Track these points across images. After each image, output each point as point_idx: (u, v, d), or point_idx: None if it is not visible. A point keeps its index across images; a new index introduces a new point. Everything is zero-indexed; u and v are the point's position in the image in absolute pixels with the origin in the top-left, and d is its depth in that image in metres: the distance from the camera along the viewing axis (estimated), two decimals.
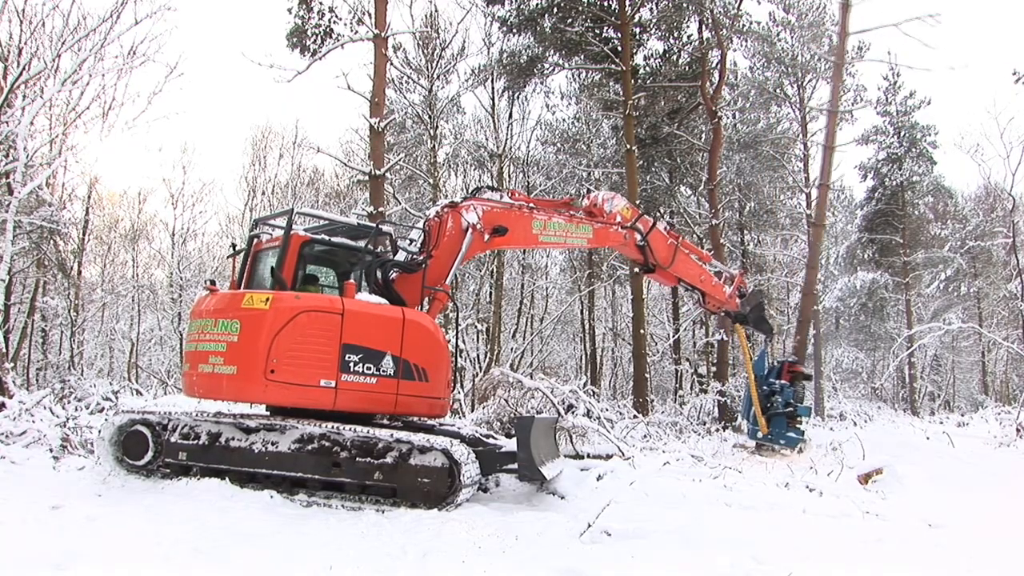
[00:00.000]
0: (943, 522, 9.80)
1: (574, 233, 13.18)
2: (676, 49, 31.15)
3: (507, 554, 7.19)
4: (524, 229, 12.36)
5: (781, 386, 15.39)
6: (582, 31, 27.83)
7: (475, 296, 37.35)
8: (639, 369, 26.23)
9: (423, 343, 10.51)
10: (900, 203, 46.17)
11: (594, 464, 12.01)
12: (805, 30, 36.03)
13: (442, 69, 32.49)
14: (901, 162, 46.13)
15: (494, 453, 10.43)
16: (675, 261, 14.28)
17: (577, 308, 41.17)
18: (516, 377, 16.52)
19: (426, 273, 11.14)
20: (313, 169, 46.21)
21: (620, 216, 13.76)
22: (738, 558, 7.10)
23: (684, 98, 31.04)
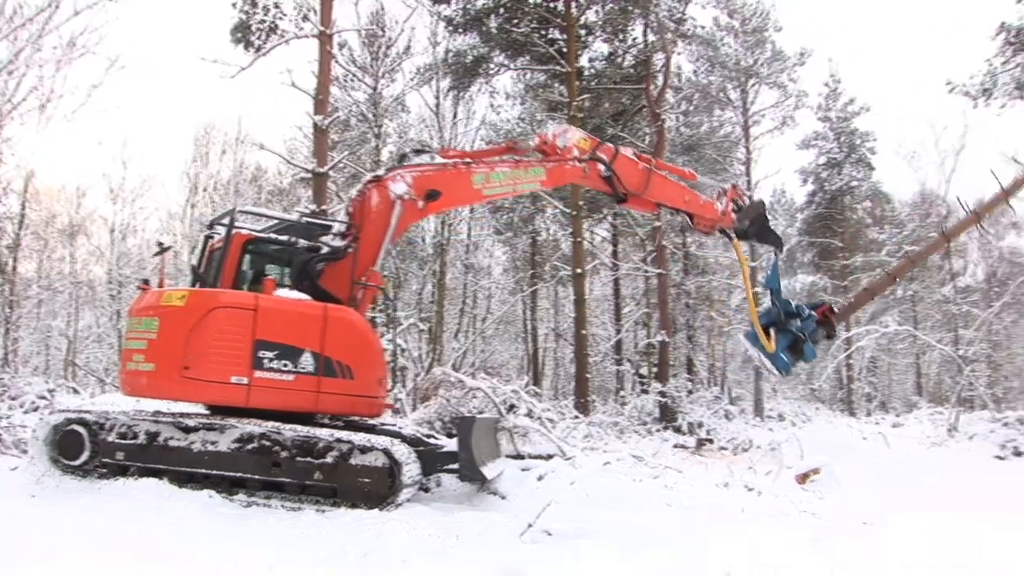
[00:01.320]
0: (878, 521, 9.95)
1: (523, 178, 12.39)
2: (621, 52, 31.31)
3: (448, 554, 7.17)
4: (463, 186, 11.73)
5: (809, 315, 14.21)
6: (528, 32, 27.87)
7: (417, 295, 37.27)
8: (581, 369, 26.33)
9: (348, 340, 10.27)
10: (839, 207, 46.91)
11: (535, 464, 12.02)
12: (748, 35, 36.46)
13: (387, 67, 32.35)
14: (841, 167, 46.88)
15: (435, 453, 10.40)
16: (650, 186, 13.21)
17: (519, 308, 41.26)
18: (458, 377, 16.51)
19: (355, 259, 10.75)
20: (256, 166, 45.79)
21: (577, 149, 12.84)
22: (678, 558, 7.15)
23: (628, 100, 31.21)
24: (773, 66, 37.95)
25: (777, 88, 38.62)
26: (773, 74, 38.14)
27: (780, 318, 13.77)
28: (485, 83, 32.55)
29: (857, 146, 47.35)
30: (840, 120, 47.46)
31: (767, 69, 37.93)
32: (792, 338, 13.78)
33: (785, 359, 13.83)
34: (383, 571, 6.62)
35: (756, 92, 38.48)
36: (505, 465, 11.30)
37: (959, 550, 8.10)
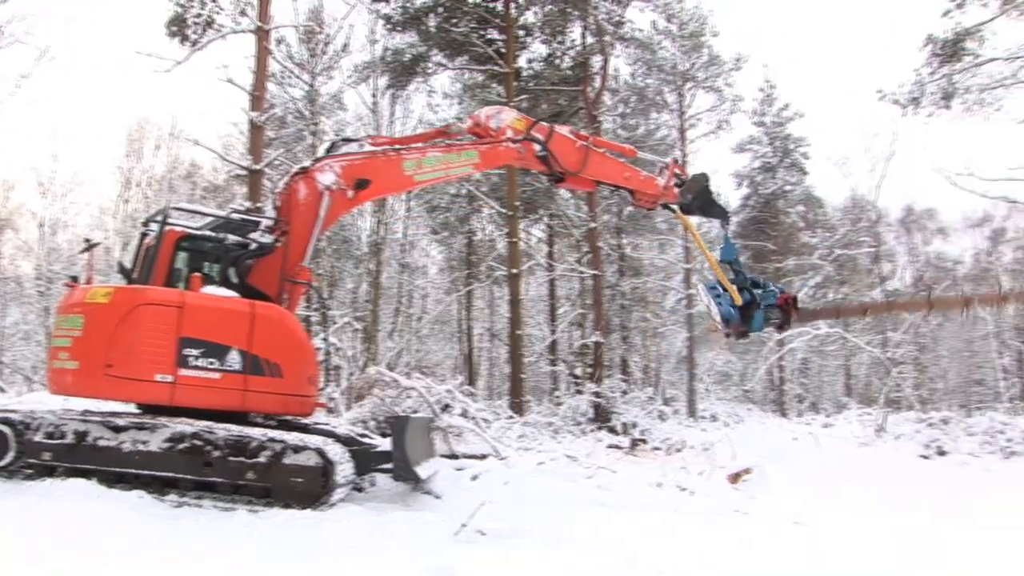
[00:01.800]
0: (808, 520, 10.11)
1: (456, 162, 12.17)
2: (559, 53, 31.36)
3: (381, 553, 7.15)
4: (394, 174, 11.56)
5: (771, 290, 14.23)
6: (467, 32, 27.84)
7: (352, 294, 37.04)
8: (515, 370, 26.37)
9: (276, 337, 10.15)
10: (773, 211, 47.49)
11: (469, 464, 12.04)
12: (685, 39, 36.77)
13: (325, 64, 32.08)
14: (775, 171, 47.47)
15: (369, 453, 10.37)
16: (588, 163, 13.06)
17: (455, 308, 41.20)
18: (392, 376, 16.45)
19: (285, 253, 10.60)
20: (191, 162, 45.21)
21: (511, 130, 12.71)
22: (611, 557, 7.19)
23: (566, 102, 31.27)
24: (710, 70, 38.29)
25: (713, 92, 38.99)
26: (709, 78, 38.48)
27: (745, 283, 13.86)
28: (423, 82, 32.42)
29: (791, 151, 48.01)
30: (775, 125, 48.06)
31: (704, 73, 38.27)
32: (748, 302, 13.77)
33: (734, 313, 13.77)
34: (316, 571, 6.59)
35: (692, 96, 38.83)
36: (439, 465, 11.29)
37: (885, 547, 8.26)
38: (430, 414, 14.57)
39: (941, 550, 8.23)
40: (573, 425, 25.23)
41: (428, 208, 37.47)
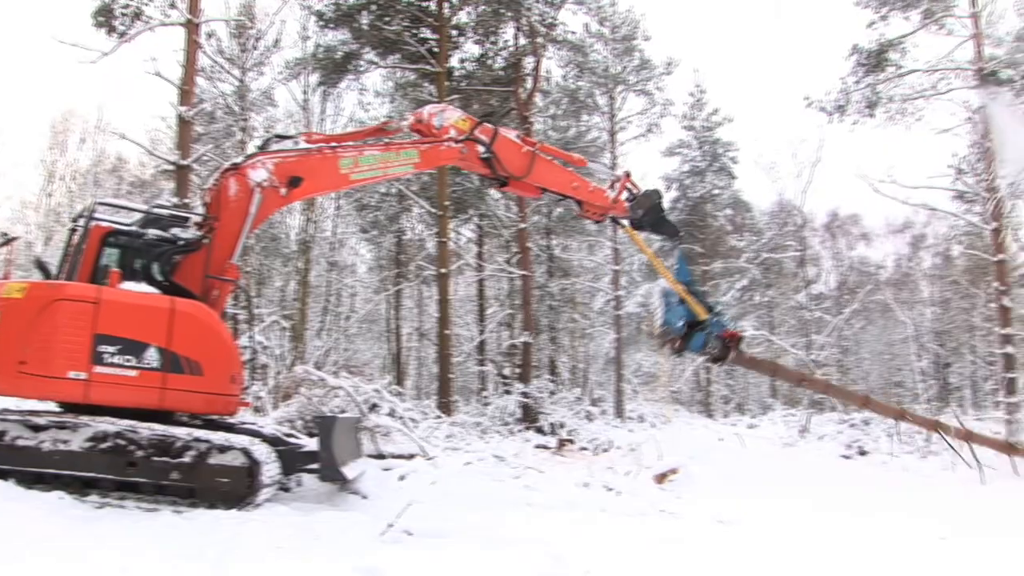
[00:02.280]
0: (733, 519, 10.25)
1: (395, 162, 11.83)
2: (492, 54, 31.35)
3: (307, 554, 7.12)
4: (329, 172, 11.26)
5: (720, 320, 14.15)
6: (400, 30, 27.70)
7: (280, 292, 36.77)
8: (444, 369, 26.32)
9: (197, 335, 9.91)
10: (701, 214, 48.06)
11: (397, 464, 12.04)
12: (617, 43, 37.02)
13: (256, 60, 31.77)
14: (703, 175, 48.02)
15: (295, 452, 10.29)
16: (533, 169, 12.71)
17: (384, 307, 41.05)
18: (320, 375, 16.39)
19: (211, 250, 10.34)
20: (117, 156, 44.46)
21: (454, 129, 12.35)
22: (538, 557, 7.24)
23: (498, 103, 31.28)
24: (641, 74, 38.57)
25: (644, 96, 39.27)
26: (640, 82, 38.76)
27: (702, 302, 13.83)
28: (355, 80, 32.23)
29: (720, 155, 48.69)
30: (704, 129, 48.70)
31: (635, 77, 38.54)
32: (696, 321, 13.68)
33: (678, 326, 13.72)
34: (240, 572, 6.54)
35: (623, 99, 39.11)
36: (366, 465, 11.27)
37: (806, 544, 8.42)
38: (357, 414, 14.53)
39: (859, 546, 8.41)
40: (501, 425, 25.27)
41: (358, 206, 37.25)
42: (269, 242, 34.77)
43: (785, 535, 9.13)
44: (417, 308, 42.98)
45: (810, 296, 51.13)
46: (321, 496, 10.49)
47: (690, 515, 10.66)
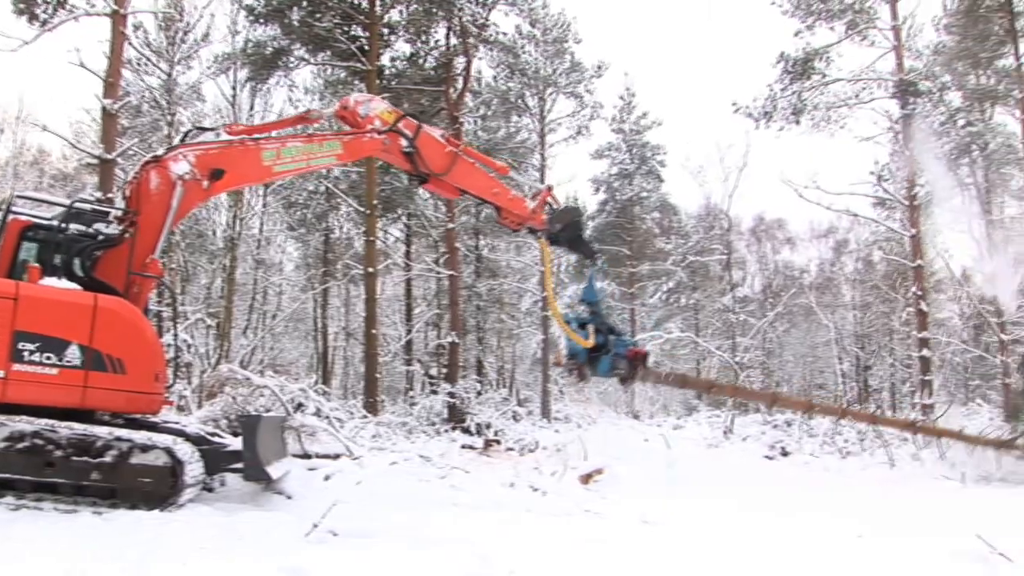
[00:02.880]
0: (658, 519, 10.35)
1: (318, 153, 11.63)
2: (423, 53, 31.29)
3: (231, 555, 7.05)
4: (252, 164, 11.03)
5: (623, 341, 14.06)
6: (330, 27, 27.51)
7: (206, 290, 36.34)
8: (370, 369, 26.22)
9: (120, 332, 9.67)
10: (629, 217, 48.40)
11: (322, 464, 11.97)
12: (549, 45, 37.18)
13: (184, 54, 31.37)
14: (632, 178, 48.35)
15: (220, 452, 10.17)
16: (454, 169, 12.58)
17: (310, 306, 40.76)
18: (245, 374, 16.25)
19: (133, 245, 10.08)
20: (38, 148, 43.54)
21: (379, 120, 12.19)
22: (464, 557, 7.25)
23: (428, 102, 31.22)
24: (571, 76, 38.76)
25: (574, 98, 39.50)
26: (571, 84, 38.96)
27: (602, 326, 13.85)
28: (284, 76, 31.91)
29: (648, 158, 49.10)
30: (633, 133, 49.03)
31: (565, 79, 38.73)
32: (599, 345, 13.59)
33: (582, 351, 13.64)
34: (162, 573, 6.47)
35: (553, 101, 39.33)
36: (291, 464, 11.18)
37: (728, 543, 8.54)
38: (283, 413, 14.43)
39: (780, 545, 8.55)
40: (427, 425, 25.25)
41: (285, 204, 36.99)
42: (195, 239, 34.35)
43: (709, 535, 9.24)
44: (344, 307, 42.77)
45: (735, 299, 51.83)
46: (245, 496, 10.39)
47: (615, 515, 10.74)
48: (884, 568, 7.52)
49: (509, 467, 15.06)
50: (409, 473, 12.75)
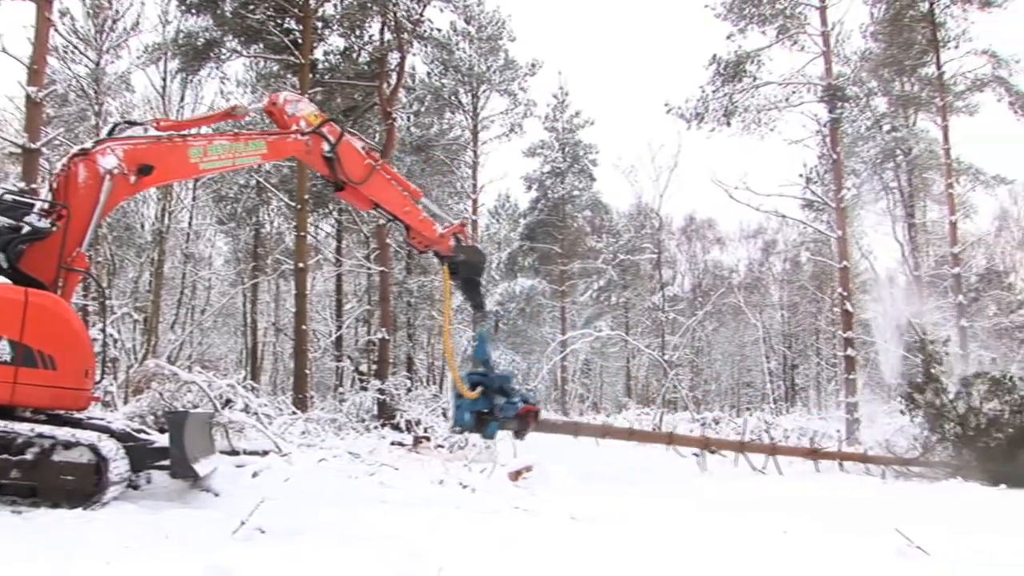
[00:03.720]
0: (587, 516, 10.42)
1: (244, 152, 11.60)
2: (357, 48, 31.18)
3: (156, 554, 6.96)
4: (179, 160, 10.92)
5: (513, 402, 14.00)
6: (263, 19, 27.30)
7: (133, 284, 35.82)
8: (300, 365, 26.07)
9: (51, 328, 9.45)
10: (561, 215, 48.62)
11: (250, 460, 11.85)
12: (483, 42, 37.28)
13: (113, 42, 30.87)
14: (564, 176, 48.60)
15: (146, 449, 10.02)
16: (370, 181, 12.66)
17: (240, 301, 40.44)
18: (172, 370, 16.06)
19: (61, 240, 9.81)
20: None
21: (304, 121, 12.17)
22: (393, 554, 7.24)
23: (361, 97, 31.12)
24: (505, 74, 38.94)
25: (507, 96, 39.72)
26: (504, 82, 39.14)
27: (491, 386, 13.93)
28: (216, 68, 31.51)
29: (580, 157, 49.36)
30: (566, 131, 49.27)
31: (499, 76, 38.89)
32: (487, 408, 13.69)
33: (468, 420, 13.78)
34: (84, 573, 6.37)
35: (487, 98, 39.55)
36: (219, 461, 11.05)
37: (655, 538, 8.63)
38: (211, 409, 14.29)
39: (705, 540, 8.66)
40: (357, 422, 25.16)
41: (215, 198, 36.63)
42: (123, 232, 33.83)
43: (636, 531, 9.32)
44: (274, 302, 42.48)
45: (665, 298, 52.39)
46: (172, 493, 10.25)
47: (544, 512, 10.78)
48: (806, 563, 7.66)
49: (439, 464, 15.03)
50: (338, 470, 12.67)
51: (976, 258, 46.81)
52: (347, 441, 19.27)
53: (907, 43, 33.35)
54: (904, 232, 37.95)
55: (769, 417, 35.77)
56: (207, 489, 10.20)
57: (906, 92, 35.50)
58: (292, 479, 10.66)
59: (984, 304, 44.53)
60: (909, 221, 37.59)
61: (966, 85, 32.86)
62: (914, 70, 34.52)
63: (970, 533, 9.28)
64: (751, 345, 60.33)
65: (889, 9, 33.35)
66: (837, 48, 32.00)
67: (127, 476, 9.39)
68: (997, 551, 8.22)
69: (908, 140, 34.12)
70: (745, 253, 67.54)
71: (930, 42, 32.35)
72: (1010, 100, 31.84)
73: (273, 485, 10.23)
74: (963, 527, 9.88)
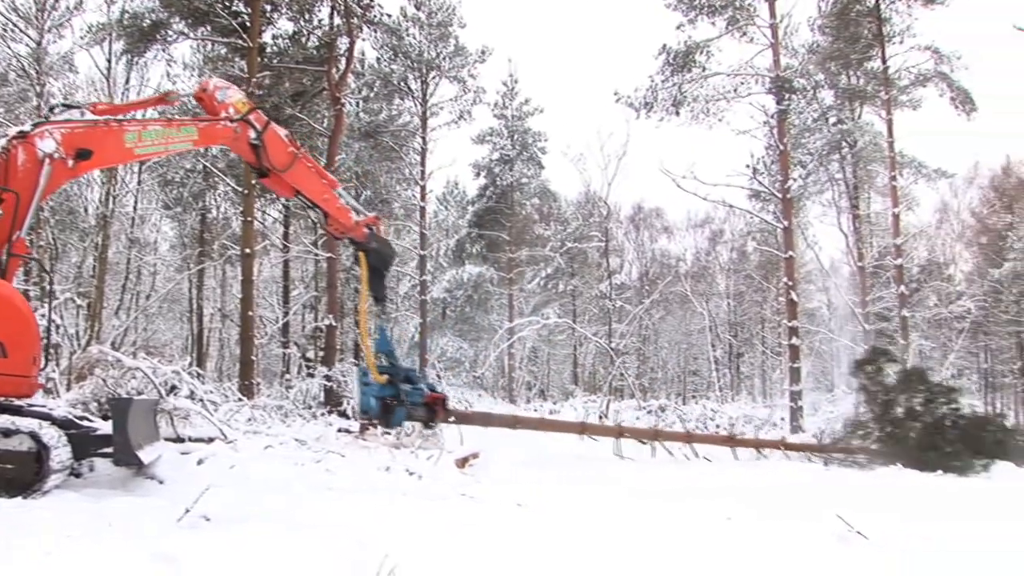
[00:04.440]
0: (532, 503, 10.47)
1: (176, 137, 11.68)
2: (306, 32, 30.97)
3: (99, 543, 6.88)
4: (115, 145, 10.94)
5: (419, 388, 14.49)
6: (211, 1, 27.00)
7: (77, 269, 35.35)
8: (246, 351, 25.89)
9: (3, 315, 9.45)
10: (509, 202, 48.67)
11: (195, 447, 11.75)
12: (433, 28, 37.19)
13: (55, 21, 30.38)
14: (512, 164, 48.65)
15: (88, 436, 9.91)
16: (293, 168, 12.92)
17: (186, 287, 40.07)
18: (116, 356, 15.88)
19: (9, 224, 9.77)
20: None
21: (233, 108, 12.34)
22: (339, 541, 7.23)
23: (310, 82, 30.94)
24: (455, 61, 38.88)
25: (457, 82, 39.65)
26: (454, 68, 39.09)
27: (397, 375, 14.07)
28: (163, 50, 31.11)
29: (529, 145, 49.44)
30: (515, 119, 49.31)
31: (449, 63, 38.82)
32: (393, 394, 14.02)
33: (374, 406, 14.13)
34: (25, 565, 6.29)
35: (436, 84, 39.46)
36: (164, 449, 10.96)
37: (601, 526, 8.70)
38: (156, 396, 14.17)
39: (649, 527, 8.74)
40: (304, 408, 25.04)
41: (161, 182, 36.20)
42: (65, 216, 33.33)
43: (581, 518, 9.38)
44: (220, 288, 42.13)
45: (613, 286, 52.59)
46: (115, 481, 10.15)
47: (490, 499, 10.81)
48: (749, 549, 7.75)
49: (386, 451, 14.98)
50: (284, 457, 12.60)
51: (918, 250, 47.53)
52: (294, 428, 19.18)
53: (853, 37, 33.83)
54: (849, 223, 38.47)
55: (715, 405, 36.18)
56: (151, 477, 10.11)
57: (852, 85, 35.99)
58: (238, 466, 10.58)
59: (925, 295, 45.27)
60: (854, 212, 38.11)
61: (910, 80, 33.41)
62: (860, 64, 35.02)
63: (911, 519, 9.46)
64: (697, 334, 60.83)
65: (836, 3, 33.78)
66: (785, 40, 32.36)
67: (69, 464, 9.29)
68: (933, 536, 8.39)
69: (853, 133, 34.59)
70: (692, 242, 68.09)
71: (876, 37, 32.81)
72: (951, 96, 32.41)
73: (218, 472, 10.15)
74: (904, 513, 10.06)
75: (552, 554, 7.37)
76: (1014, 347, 52.28)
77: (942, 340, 49.75)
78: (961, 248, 59.06)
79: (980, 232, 56.64)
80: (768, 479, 15.07)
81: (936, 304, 46.42)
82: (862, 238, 38.58)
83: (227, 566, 6.49)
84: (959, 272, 58.07)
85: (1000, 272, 48.10)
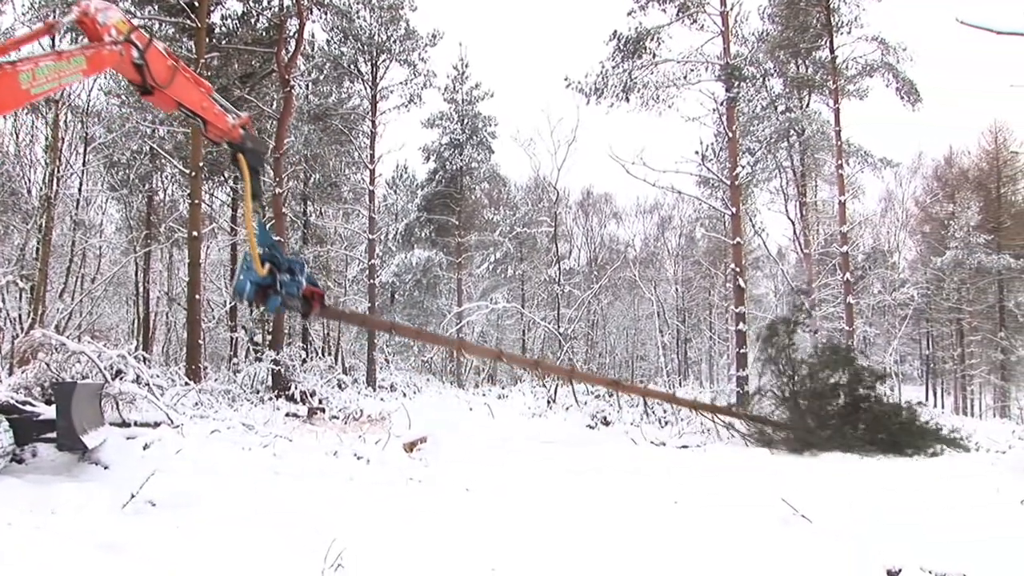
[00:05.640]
0: (479, 487, 10.54)
1: (67, 69, 10.47)
2: (255, 13, 30.70)
3: (42, 530, 6.84)
4: (10, 89, 10.14)
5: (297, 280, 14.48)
6: None
7: (19, 251, 34.82)
8: (193, 335, 25.65)
9: None
10: (459, 187, 48.69)
11: (141, 432, 11.67)
12: (384, 11, 36.99)
13: None
14: (462, 148, 48.61)
15: (31, 421, 9.84)
16: (174, 82, 12.15)
17: (132, 270, 39.60)
18: (60, 340, 15.69)
19: None
20: None
21: (115, 30, 11.25)
22: (286, 527, 7.24)
23: (259, 63, 30.70)
24: (405, 44, 38.68)
25: (407, 66, 39.44)
26: (405, 52, 38.89)
27: (280, 266, 14.04)
28: None
29: (479, 129, 49.40)
30: (465, 103, 49.26)
31: (399, 46, 38.62)
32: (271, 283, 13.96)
33: (247, 287, 14.00)
34: None
35: (386, 68, 39.24)
36: (108, 433, 10.88)
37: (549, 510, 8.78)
38: (100, 380, 14.04)
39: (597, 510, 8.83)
40: (251, 393, 24.90)
41: (107, 164, 35.72)
42: (7, 197, 32.81)
43: (528, 502, 9.46)
44: (167, 271, 41.71)
45: (561, 271, 52.78)
46: (59, 467, 10.07)
47: (438, 483, 10.89)
48: (696, 532, 7.86)
49: (333, 436, 15.00)
50: (231, 442, 12.58)
51: (863, 237, 48.23)
52: (241, 412, 19.07)
53: (802, 26, 34.25)
54: (796, 210, 38.91)
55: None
56: (96, 462, 10.04)
57: (800, 74, 36.42)
58: (184, 451, 10.54)
59: (870, 282, 45.99)
60: (801, 200, 38.58)
61: (857, 70, 33.86)
62: (809, 53, 35.46)
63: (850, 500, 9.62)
64: (646, 319, 61.31)
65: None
66: (735, 28, 32.53)
67: (11, 450, 9.22)
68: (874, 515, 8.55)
69: (801, 121, 34.96)
70: (641, 228, 68.60)
71: (824, 26, 33.22)
72: (897, 86, 32.88)
73: (165, 457, 10.11)
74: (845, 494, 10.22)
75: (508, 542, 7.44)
76: (954, 334, 53.33)
77: (886, 327, 50.57)
78: (905, 236, 60.06)
79: (923, 221, 57.65)
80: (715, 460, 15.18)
81: (880, 291, 47.17)
82: (809, 225, 39.04)
83: (172, 553, 6.48)
84: (903, 260, 59.06)
85: (942, 260, 49.05)
